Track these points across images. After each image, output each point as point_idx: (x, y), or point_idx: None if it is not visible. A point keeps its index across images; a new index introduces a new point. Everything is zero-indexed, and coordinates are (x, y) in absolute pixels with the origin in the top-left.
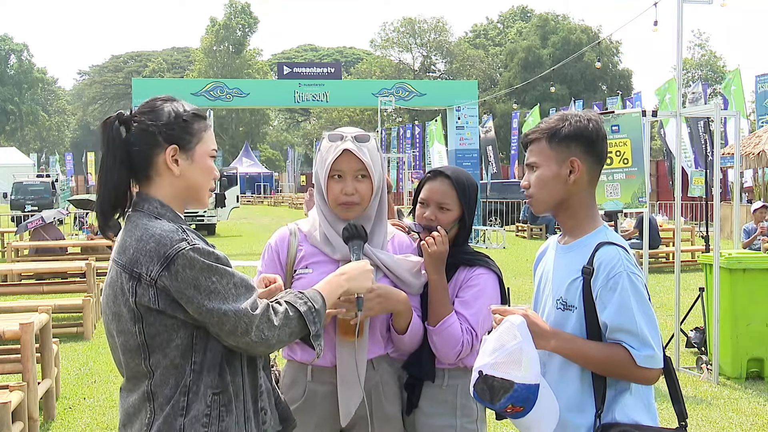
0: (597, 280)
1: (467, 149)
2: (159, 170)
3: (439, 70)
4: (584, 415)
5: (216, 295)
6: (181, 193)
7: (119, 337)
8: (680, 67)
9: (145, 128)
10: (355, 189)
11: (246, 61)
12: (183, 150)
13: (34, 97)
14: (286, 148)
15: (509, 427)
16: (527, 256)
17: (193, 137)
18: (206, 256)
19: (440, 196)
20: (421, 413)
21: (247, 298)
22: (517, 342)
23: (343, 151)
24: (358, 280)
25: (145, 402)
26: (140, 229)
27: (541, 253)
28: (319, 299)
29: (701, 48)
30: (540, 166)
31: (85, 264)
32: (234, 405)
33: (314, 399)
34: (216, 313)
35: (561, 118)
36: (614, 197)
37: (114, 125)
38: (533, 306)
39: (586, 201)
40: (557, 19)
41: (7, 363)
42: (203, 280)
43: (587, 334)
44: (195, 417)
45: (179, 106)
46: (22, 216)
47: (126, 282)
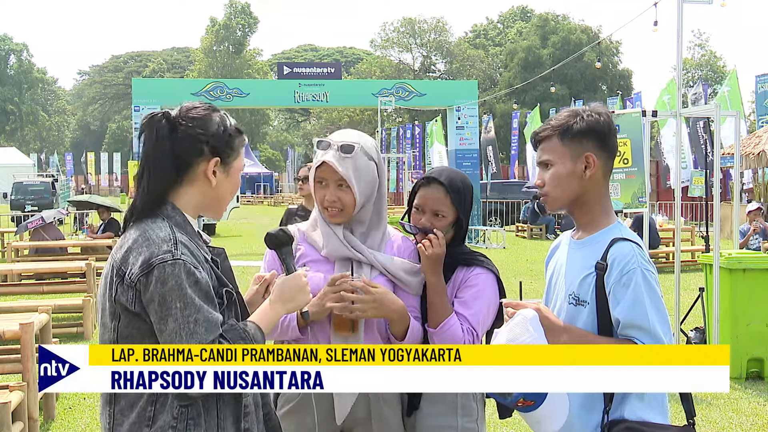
0: (611, 275)
1: (467, 149)
2: (194, 177)
3: (439, 70)
4: (593, 411)
5: (172, 321)
6: (207, 203)
7: (101, 328)
8: (680, 67)
9: (194, 135)
10: (336, 197)
11: (246, 61)
12: (223, 163)
13: (34, 97)
14: (286, 148)
15: (509, 426)
16: (527, 256)
17: (233, 152)
18: (186, 275)
19: (435, 204)
20: (421, 414)
21: (199, 340)
22: (529, 336)
23: (322, 162)
24: (296, 301)
25: (106, 405)
26: (141, 229)
27: (554, 248)
28: (259, 336)
29: (701, 48)
30: (554, 164)
31: (85, 264)
32: (204, 419)
33: (310, 399)
34: (164, 338)
35: (572, 114)
36: (614, 197)
37: (162, 122)
38: (544, 301)
39: (601, 196)
40: (557, 19)
41: (7, 363)
42: (168, 300)
43: (598, 329)
44: (161, 428)
45: (226, 119)
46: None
47: (114, 277)
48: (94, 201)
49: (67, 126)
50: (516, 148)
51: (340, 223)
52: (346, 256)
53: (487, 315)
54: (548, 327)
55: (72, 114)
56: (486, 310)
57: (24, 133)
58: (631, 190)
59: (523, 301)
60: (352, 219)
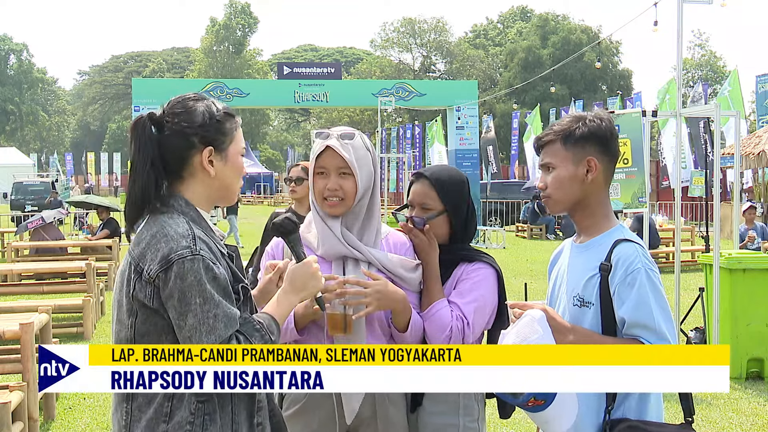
0: (615, 276)
1: (467, 149)
2: (193, 171)
3: (439, 70)
4: (594, 411)
5: (192, 316)
6: (214, 193)
7: (116, 325)
8: (680, 67)
9: (180, 130)
10: (338, 185)
11: (246, 62)
12: (218, 150)
13: (34, 97)
14: (286, 148)
15: (509, 427)
16: (527, 256)
17: (227, 137)
18: (205, 270)
19: (421, 197)
20: (424, 412)
21: (218, 336)
22: (538, 336)
23: (326, 148)
24: (308, 288)
25: (122, 402)
26: (157, 226)
27: (557, 254)
28: (275, 328)
29: (701, 48)
30: (556, 167)
31: (85, 264)
32: (219, 415)
33: (316, 399)
34: (183, 333)
35: (574, 119)
36: (614, 197)
37: (146, 125)
38: (548, 305)
39: (602, 200)
40: (557, 19)
41: (7, 363)
42: (188, 296)
43: (603, 329)
44: (178, 423)
45: (212, 106)
46: (22, 216)
47: (131, 274)
48: (92, 201)
49: (67, 126)
50: (516, 148)
51: (338, 216)
52: (343, 254)
53: (482, 307)
54: (555, 327)
55: (72, 114)
56: (482, 301)
57: (24, 133)
58: (631, 190)
59: (529, 302)
60: (349, 213)
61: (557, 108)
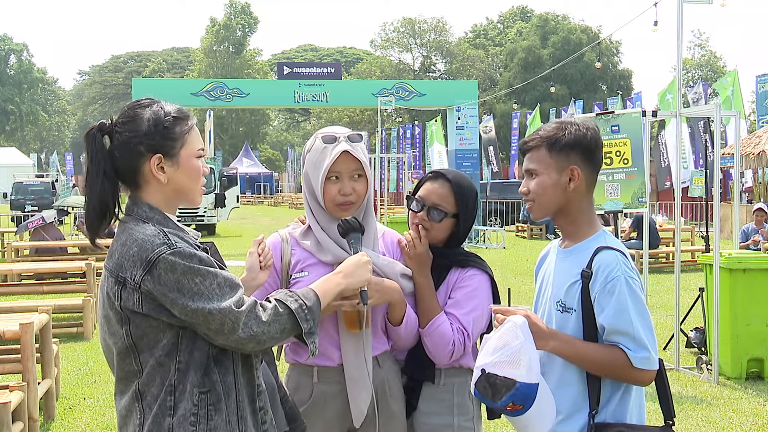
0: (595, 283)
1: (467, 149)
2: (146, 178)
3: (439, 70)
4: (580, 415)
5: (200, 296)
6: (171, 197)
7: (110, 339)
8: (680, 67)
9: (127, 140)
10: (352, 189)
11: (246, 61)
12: (167, 156)
13: (34, 97)
14: (286, 148)
15: (509, 426)
16: (527, 256)
17: (176, 142)
18: (188, 258)
19: (438, 197)
20: (418, 413)
21: (231, 296)
22: (519, 342)
23: (342, 153)
24: (356, 276)
25: (135, 402)
26: (126, 234)
27: (543, 256)
28: (312, 297)
29: (701, 48)
30: (540, 174)
31: (85, 264)
32: (224, 404)
33: (322, 400)
34: (201, 313)
35: (559, 127)
36: (614, 197)
37: (96, 137)
38: (534, 308)
39: (584, 207)
40: (557, 19)
41: (7, 363)
42: (186, 282)
43: (584, 335)
44: (183, 416)
45: (159, 111)
46: (22, 216)
47: (112, 286)
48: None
49: (67, 126)
50: (516, 148)
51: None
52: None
53: (480, 316)
54: (536, 333)
55: (72, 114)
56: (479, 311)
57: (24, 133)
58: (631, 190)
59: (511, 307)
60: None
61: (557, 108)
